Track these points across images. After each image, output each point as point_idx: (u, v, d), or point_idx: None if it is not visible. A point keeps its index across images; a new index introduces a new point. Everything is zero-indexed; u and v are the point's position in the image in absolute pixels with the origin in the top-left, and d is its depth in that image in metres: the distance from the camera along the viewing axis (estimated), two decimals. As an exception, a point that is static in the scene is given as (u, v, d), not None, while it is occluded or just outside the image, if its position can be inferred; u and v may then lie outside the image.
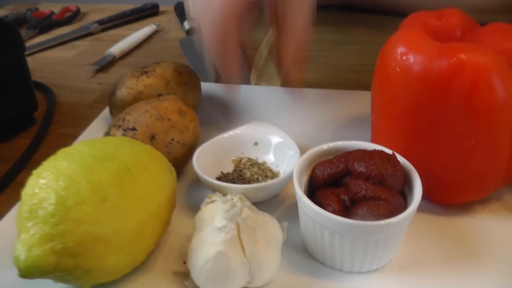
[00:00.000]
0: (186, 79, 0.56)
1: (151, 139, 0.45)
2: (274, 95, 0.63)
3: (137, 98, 0.53)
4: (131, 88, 0.54)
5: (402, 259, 0.40)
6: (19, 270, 0.32)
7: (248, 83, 0.69)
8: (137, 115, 0.46)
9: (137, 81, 0.54)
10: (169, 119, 0.46)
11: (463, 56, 0.38)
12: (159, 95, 0.53)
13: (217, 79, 0.61)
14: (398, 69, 0.40)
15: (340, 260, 0.37)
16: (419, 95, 0.40)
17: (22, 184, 0.52)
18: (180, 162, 0.47)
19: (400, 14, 0.87)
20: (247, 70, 0.72)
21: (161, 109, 0.47)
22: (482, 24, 0.78)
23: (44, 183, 0.33)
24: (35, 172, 0.36)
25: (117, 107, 0.54)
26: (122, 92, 0.54)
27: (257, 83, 0.69)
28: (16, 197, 0.50)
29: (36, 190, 0.33)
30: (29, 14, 1.05)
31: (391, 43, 0.42)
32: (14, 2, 1.22)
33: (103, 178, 0.34)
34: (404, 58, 0.40)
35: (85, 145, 0.37)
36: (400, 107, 0.41)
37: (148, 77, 0.55)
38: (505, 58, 0.39)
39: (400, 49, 0.41)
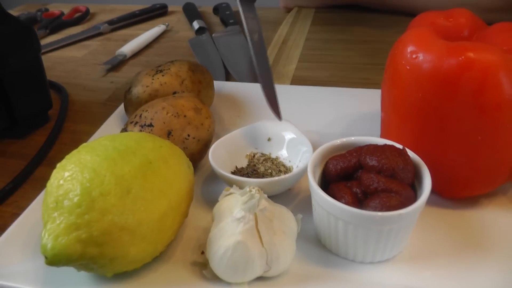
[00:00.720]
0: (200, 77, 0.58)
1: (168, 135, 0.46)
2: (285, 93, 0.64)
3: (153, 96, 0.55)
4: (147, 86, 0.55)
5: (412, 250, 0.41)
6: (46, 257, 0.33)
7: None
8: (154, 112, 0.48)
9: (153, 79, 0.56)
10: (185, 116, 0.48)
11: (471, 54, 0.39)
12: (174, 93, 0.55)
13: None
14: (408, 67, 0.42)
15: (353, 250, 0.39)
16: (428, 92, 0.41)
17: (38, 180, 0.54)
18: (196, 157, 0.48)
19: (406, 13, 0.89)
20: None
21: (178, 106, 0.48)
22: (488, 23, 0.80)
23: (69, 175, 0.35)
24: (59, 165, 0.37)
25: (133, 105, 0.56)
26: (138, 90, 0.55)
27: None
28: (33, 192, 0.52)
29: (62, 182, 0.35)
30: (40, 15, 1.06)
31: (402, 42, 0.43)
32: (23, 2, 1.23)
33: (126, 170, 0.35)
34: (414, 56, 0.41)
35: (107, 140, 0.38)
36: (410, 104, 0.43)
37: (163, 75, 0.56)
38: (512, 57, 0.40)
39: (410, 48, 0.42)
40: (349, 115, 0.59)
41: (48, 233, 0.33)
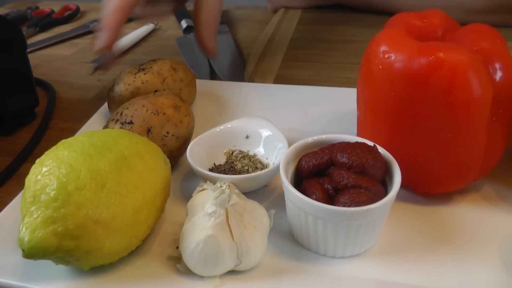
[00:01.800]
0: (182, 75, 0.59)
1: (147, 132, 0.47)
2: (267, 92, 0.66)
3: (135, 93, 0.56)
4: (129, 84, 0.56)
5: (383, 244, 0.42)
6: (23, 250, 0.35)
7: (242, 79, 0.72)
8: (134, 110, 0.49)
9: (135, 77, 0.57)
10: (164, 113, 0.49)
11: (441, 54, 0.40)
12: (156, 91, 0.56)
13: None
14: (380, 67, 0.43)
15: (324, 245, 0.40)
16: (400, 91, 0.42)
17: (24, 176, 0.54)
18: (175, 154, 0.49)
19: (392, 13, 0.90)
20: (242, 68, 0.75)
21: (157, 104, 0.49)
22: (470, 23, 0.81)
23: (47, 171, 0.36)
24: (38, 160, 0.38)
25: (116, 102, 0.57)
26: (120, 88, 0.56)
27: (251, 79, 0.72)
28: (18, 188, 0.53)
29: (39, 177, 0.36)
30: (30, 13, 1.07)
31: (375, 42, 0.44)
32: (14, 0, 1.24)
33: (101, 166, 0.37)
34: (386, 56, 0.42)
35: (85, 136, 0.39)
36: (383, 102, 0.44)
37: (145, 73, 0.57)
38: (481, 57, 0.41)
39: (383, 48, 0.43)
40: (329, 113, 0.60)
41: (26, 227, 0.35)
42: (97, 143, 0.38)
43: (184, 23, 0.94)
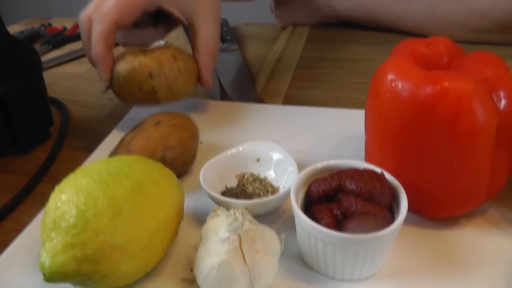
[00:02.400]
0: (180, 65, 0.61)
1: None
2: (276, 113, 0.67)
3: (130, 73, 0.59)
4: (126, 64, 0.60)
5: (391, 268, 0.43)
6: (44, 275, 0.36)
7: (252, 99, 0.73)
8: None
9: (134, 57, 0.60)
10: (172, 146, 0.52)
11: (446, 83, 0.41)
12: (150, 74, 0.59)
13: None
14: (388, 94, 0.44)
15: (333, 269, 0.41)
16: (406, 118, 0.43)
17: (39, 196, 0.57)
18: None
19: (399, 31, 0.91)
20: (251, 87, 0.76)
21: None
22: (476, 42, 0.82)
23: (66, 198, 0.37)
24: (57, 188, 0.40)
25: (114, 78, 0.61)
26: (119, 66, 0.60)
27: (261, 99, 0.73)
28: (34, 208, 0.54)
29: (59, 204, 0.37)
30: (43, 30, 1.09)
31: (382, 70, 0.46)
32: (27, 16, 1.26)
33: (118, 193, 0.38)
34: (393, 84, 0.44)
35: (102, 163, 0.41)
36: (390, 129, 0.45)
37: (145, 56, 0.60)
38: (485, 85, 0.42)
39: (390, 76, 0.44)
40: (338, 135, 0.61)
41: (46, 252, 0.36)
42: (114, 171, 0.40)
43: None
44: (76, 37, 1.07)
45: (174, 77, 0.60)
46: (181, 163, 0.51)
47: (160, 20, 0.67)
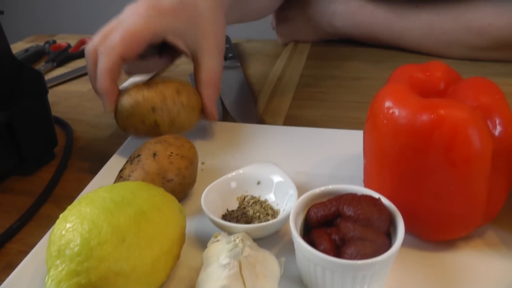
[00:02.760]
0: (183, 99, 0.62)
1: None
2: (277, 134, 0.68)
3: (134, 106, 0.60)
4: (131, 97, 0.61)
5: (389, 291, 0.44)
6: (49, 301, 0.37)
7: (254, 119, 0.74)
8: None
9: (138, 91, 0.61)
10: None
11: (442, 112, 0.42)
12: (153, 108, 0.60)
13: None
14: (385, 121, 0.45)
15: (331, 293, 0.42)
16: (404, 145, 0.44)
17: (44, 217, 0.58)
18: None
19: (398, 48, 0.93)
20: (253, 106, 0.78)
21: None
22: (476, 59, 0.84)
23: (70, 227, 0.39)
24: (62, 216, 0.41)
25: (117, 111, 0.62)
26: (123, 99, 0.61)
27: (262, 119, 0.74)
28: (38, 229, 0.55)
29: (64, 233, 0.39)
30: (48, 47, 1.11)
31: (380, 96, 0.47)
32: (32, 33, 1.28)
33: (122, 221, 0.39)
34: (391, 111, 0.45)
35: (105, 191, 0.42)
36: (388, 155, 0.46)
37: (148, 90, 0.61)
38: (481, 113, 0.43)
39: (387, 103, 0.45)
40: (338, 156, 0.62)
41: (51, 279, 0.37)
42: (117, 199, 0.41)
43: (196, 59, 0.97)
44: (80, 55, 1.09)
45: (177, 111, 0.61)
46: (180, 191, 0.52)
47: (165, 50, 0.69)
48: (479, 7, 0.82)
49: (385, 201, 0.44)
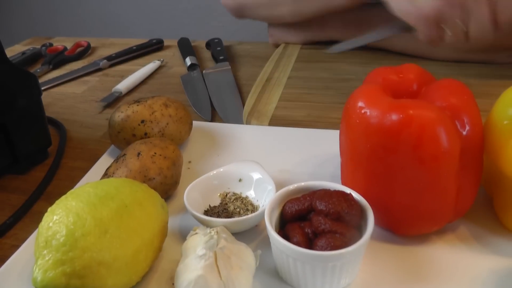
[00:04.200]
0: (171, 112, 0.65)
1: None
2: (262, 133, 0.70)
3: (124, 120, 0.63)
4: (121, 112, 0.64)
5: (361, 282, 0.46)
6: (36, 289, 0.39)
7: (241, 119, 0.77)
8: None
9: (128, 107, 0.64)
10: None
11: (410, 111, 0.44)
12: (142, 121, 0.63)
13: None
14: (357, 121, 0.47)
15: (304, 283, 0.44)
16: (375, 144, 0.46)
17: (36, 213, 0.60)
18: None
19: (385, 50, 0.94)
20: (240, 107, 0.80)
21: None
22: (464, 61, 0.86)
23: (57, 219, 0.41)
24: (49, 209, 0.43)
25: (110, 127, 0.65)
26: (115, 115, 0.64)
27: (248, 120, 0.77)
28: (31, 225, 0.58)
29: (51, 225, 0.41)
30: (44, 50, 1.13)
31: (353, 97, 0.49)
32: (29, 36, 1.31)
33: (104, 214, 0.42)
34: (363, 111, 0.47)
35: (91, 187, 0.44)
36: (360, 153, 0.48)
37: (138, 105, 0.64)
38: (449, 113, 0.46)
39: (360, 104, 0.47)
40: (320, 155, 0.65)
41: (38, 268, 0.40)
42: (101, 193, 0.43)
43: (188, 61, 1.00)
44: (76, 57, 1.11)
45: (166, 123, 0.64)
46: (162, 190, 0.54)
47: None
48: None
49: (356, 196, 0.47)
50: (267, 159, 0.60)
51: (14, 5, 2.14)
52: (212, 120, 0.78)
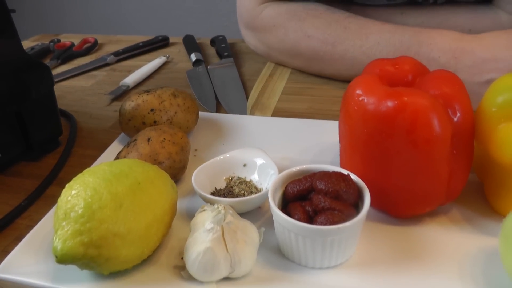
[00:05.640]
0: (180, 102, 0.68)
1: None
2: (265, 124, 0.74)
3: (135, 109, 0.66)
4: (132, 101, 0.67)
5: (358, 258, 0.49)
6: (56, 257, 0.43)
7: (244, 112, 0.80)
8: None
9: (138, 96, 0.67)
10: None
11: (405, 98, 0.47)
12: (152, 109, 0.66)
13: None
14: (356, 108, 0.50)
15: (305, 258, 0.47)
16: (372, 129, 0.49)
17: (49, 197, 0.64)
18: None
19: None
20: (244, 101, 0.83)
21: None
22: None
23: (75, 193, 0.44)
24: (67, 185, 0.46)
25: (121, 115, 0.68)
26: (125, 104, 0.67)
27: (252, 112, 0.80)
28: (45, 208, 0.61)
29: (69, 198, 0.44)
30: (52, 46, 1.16)
31: (352, 86, 0.52)
32: (38, 33, 1.34)
33: (119, 189, 0.45)
34: (360, 99, 0.50)
35: (106, 165, 0.48)
36: (358, 138, 0.51)
37: (147, 95, 0.67)
38: (442, 100, 0.48)
39: (358, 92, 0.50)
40: (320, 143, 0.68)
41: (58, 238, 0.43)
42: (116, 171, 0.46)
43: (193, 57, 1.02)
44: (83, 53, 1.14)
45: (174, 111, 0.67)
46: (171, 174, 0.57)
47: None
48: (459, 14, 0.87)
49: (353, 177, 0.50)
50: (270, 148, 0.63)
51: (23, 3, 2.17)
52: (217, 112, 0.81)
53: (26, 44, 1.23)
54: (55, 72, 1.04)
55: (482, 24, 0.85)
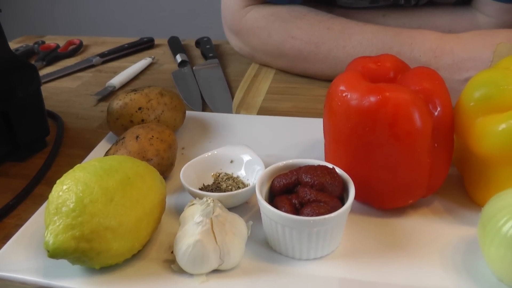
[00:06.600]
0: (167, 100, 0.69)
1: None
2: (251, 122, 0.75)
3: (122, 107, 0.67)
4: (120, 100, 0.68)
5: (344, 249, 0.50)
6: (48, 251, 0.43)
7: (230, 111, 0.81)
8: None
9: (126, 95, 0.68)
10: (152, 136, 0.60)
11: (386, 94, 0.49)
12: (140, 108, 0.67)
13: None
14: (339, 103, 0.52)
15: (292, 249, 0.48)
16: (355, 123, 0.51)
17: (37, 196, 0.64)
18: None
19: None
20: (230, 100, 0.84)
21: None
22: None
23: (67, 188, 0.45)
24: (58, 181, 0.47)
25: (109, 114, 0.69)
26: (113, 102, 0.68)
27: (237, 111, 0.81)
28: (33, 207, 0.61)
29: (61, 193, 0.45)
30: (37, 47, 1.16)
31: (335, 83, 0.53)
32: (21, 34, 1.34)
33: (110, 184, 0.46)
34: (344, 95, 0.51)
35: (96, 161, 0.49)
36: (342, 133, 0.53)
37: (135, 93, 0.68)
38: (422, 96, 0.50)
39: (341, 87, 0.52)
40: (304, 141, 0.69)
41: (50, 232, 0.43)
42: (106, 166, 0.47)
43: (179, 58, 1.03)
44: (68, 54, 1.14)
45: (161, 110, 0.68)
46: (159, 171, 0.58)
47: None
48: (439, 16, 0.89)
49: (338, 170, 0.51)
50: (255, 145, 0.64)
51: (5, 4, 2.16)
52: (203, 111, 0.82)
53: (10, 46, 1.23)
54: (40, 73, 1.03)
55: (461, 25, 0.87)
